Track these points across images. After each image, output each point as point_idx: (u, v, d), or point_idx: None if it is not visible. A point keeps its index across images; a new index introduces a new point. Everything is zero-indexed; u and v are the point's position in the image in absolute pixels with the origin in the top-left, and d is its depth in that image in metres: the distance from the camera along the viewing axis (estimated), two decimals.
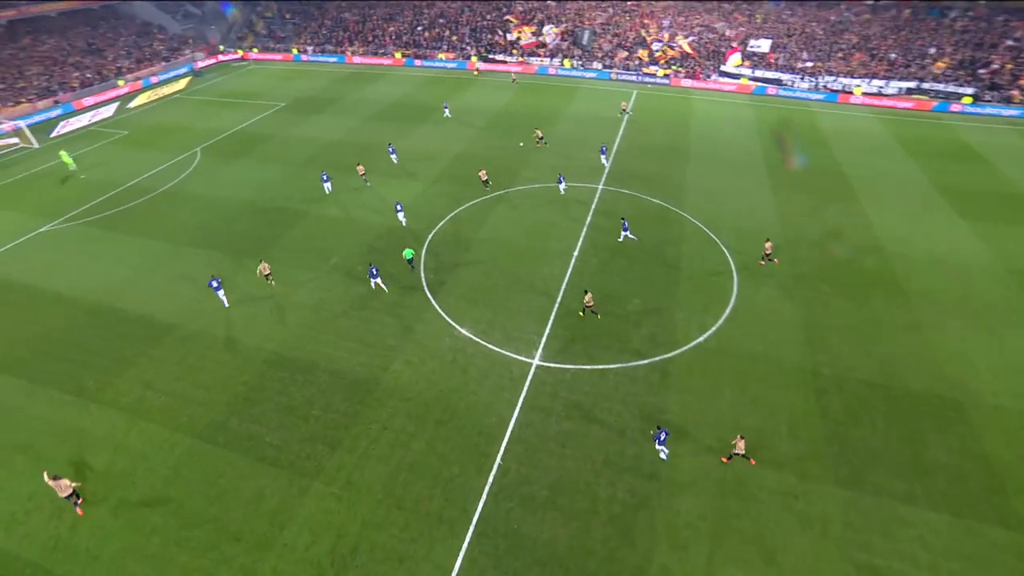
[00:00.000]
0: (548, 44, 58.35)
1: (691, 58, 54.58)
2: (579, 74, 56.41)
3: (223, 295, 26.11)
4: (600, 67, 56.32)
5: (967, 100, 46.49)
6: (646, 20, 59.84)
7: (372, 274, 26.16)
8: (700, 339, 23.22)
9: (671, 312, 24.62)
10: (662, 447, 18.44)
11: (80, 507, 18.20)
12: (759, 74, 51.81)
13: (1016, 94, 45.65)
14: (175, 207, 34.73)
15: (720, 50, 54.52)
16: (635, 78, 54.42)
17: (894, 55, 50.70)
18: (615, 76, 55.07)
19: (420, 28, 66.55)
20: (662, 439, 18.25)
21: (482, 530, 16.83)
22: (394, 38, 66.69)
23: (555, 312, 24.83)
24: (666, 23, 58.86)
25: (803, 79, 50.62)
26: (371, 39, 67.50)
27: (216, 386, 21.83)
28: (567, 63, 57.01)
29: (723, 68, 52.86)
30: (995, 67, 47.33)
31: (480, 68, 58.91)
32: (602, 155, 38.13)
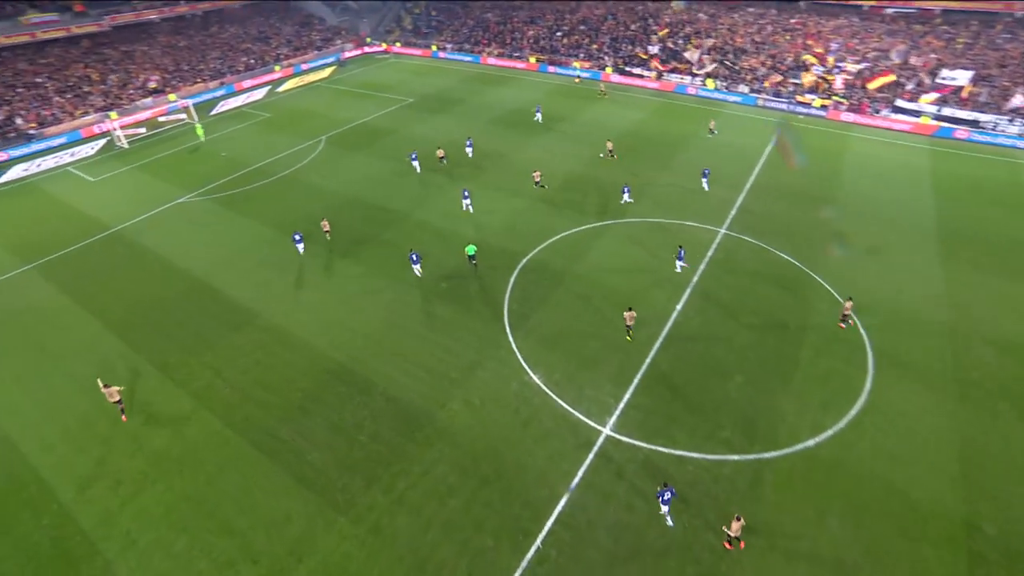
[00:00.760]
0: (692, 61, 53.73)
1: (857, 88, 47.15)
2: (721, 96, 51.25)
3: (302, 247, 29.23)
4: (747, 91, 50.74)
5: None
6: (810, 41, 52.88)
7: (413, 260, 27.03)
8: (810, 443, 18.84)
9: (779, 401, 20.36)
10: (666, 506, 16.31)
11: (124, 413, 20.82)
12: (948, 112, 43.21)
13: None
14: (288, 193, 36.16)
15: (900, 81, 46.38)
16: (785, 107, 48.22)
17: None
18: (762, 102, 49.24)
19: (559, 34, 64.89)
20: (666, 498, 16.16)
21: None
22: (532, 42, 65.70)
23: (641, 374, 21.65)
24: (835, 46, 51.53)
25: (1012, 122, 41.24)
26: (509, 41, 67.13)
27: (277, 388, 21.62)
28: (710, 83, 52.08)
29: (897, 103, 44.94)
30: None
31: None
32: (703, 179, 34.65)
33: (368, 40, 76.29)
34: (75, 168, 42.83)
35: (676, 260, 26.93)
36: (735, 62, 52.72)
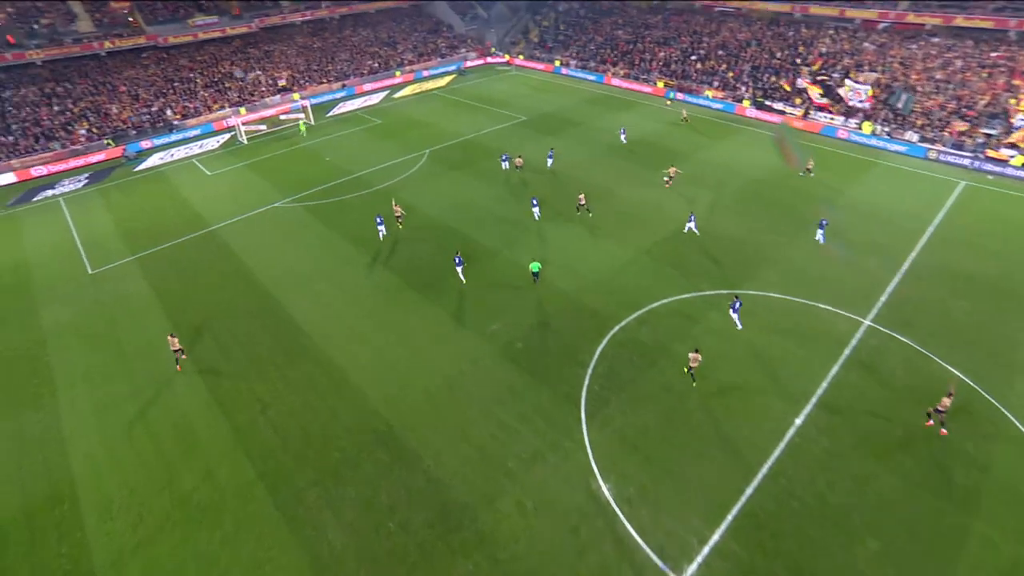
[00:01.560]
0: (849, 100, 46.07)
1: None
2: (881, 144, 43.24)
3: (383, 229, 30.96)
4: (916, 139, 42.36)
5: None
6: (1017, 81, 42.94)
7: (457, 262, 27.06)
8: None
9: None
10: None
11: (179, 364, 22.91)
12: None
13: None
14: (379, 209, 34.86)
15: None
16: (968, 162, 39.40)
17: None
18: (935, 155, 40.71)
19: (694, 57, 59.39)
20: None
21: None
22: (661, 65, 60.81)
23: (737, 509, 16.94)
24: None
25: None
26: (637, 62, 62.73)
27: (317, 442, 19.60)
28: (867, 127, 44.24)
29: None
30: None
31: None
32: (820, 230, 29.87)
33: (492, 50, 75.51)
34: (199, 160, 45.23)
35: (731, 311, 23.83)
36: (909, 103, 44.18)
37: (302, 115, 52.43)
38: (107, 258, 31.52)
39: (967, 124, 41.53)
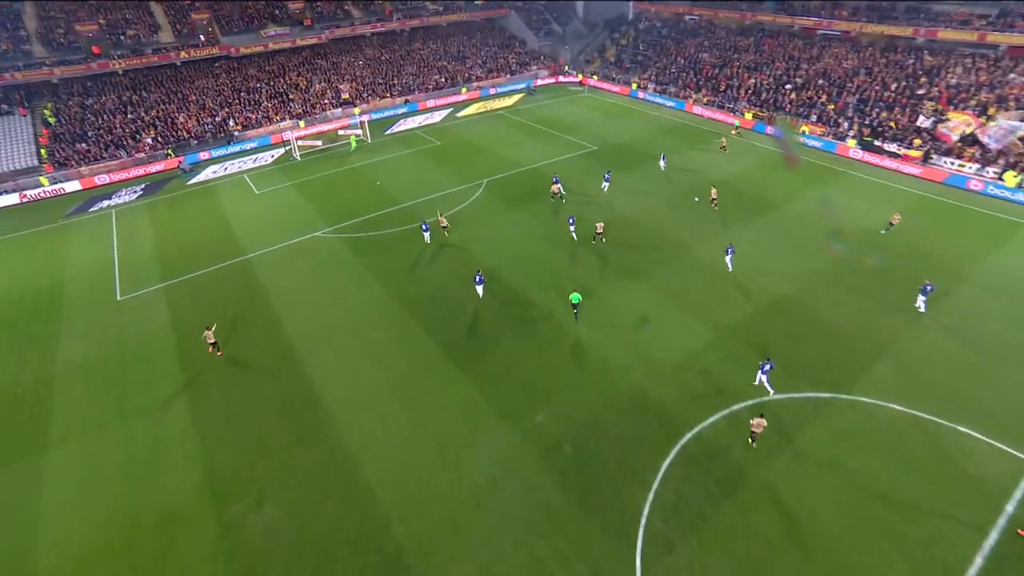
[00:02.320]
0: (989, 144, 38.60)
1: None
2: None
3: (428, 236, 31.39)
4: None
5: None
6: None
7: (477, 281, 26.22)
8: None
9: None
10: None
11: (212, 348, 23.96)
12: None
13: None
14: (424, 250, 31.54)
15: None
16: None
17: None
18: None
19: (789, 86, 52.97)
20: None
21: None
22: (750, 93, 54.77)
23: None
24: None
25: None
26: (723, 88, 56.95)
27: (310, 556, 16.06)
28: (1010, 179, 36.73)
29: None
30: None
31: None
32: (922, 296, 24.62)
33: (565, 68, 71.67)
34: (250, 176, 43.86)
35: (758, 373, 20.92)
36: None
37: (359, 131, 50.41)
38: (138, 283, 29.87)
39: None
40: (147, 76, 54.99)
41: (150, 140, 48.92)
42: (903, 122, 43.69)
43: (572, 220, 31.85)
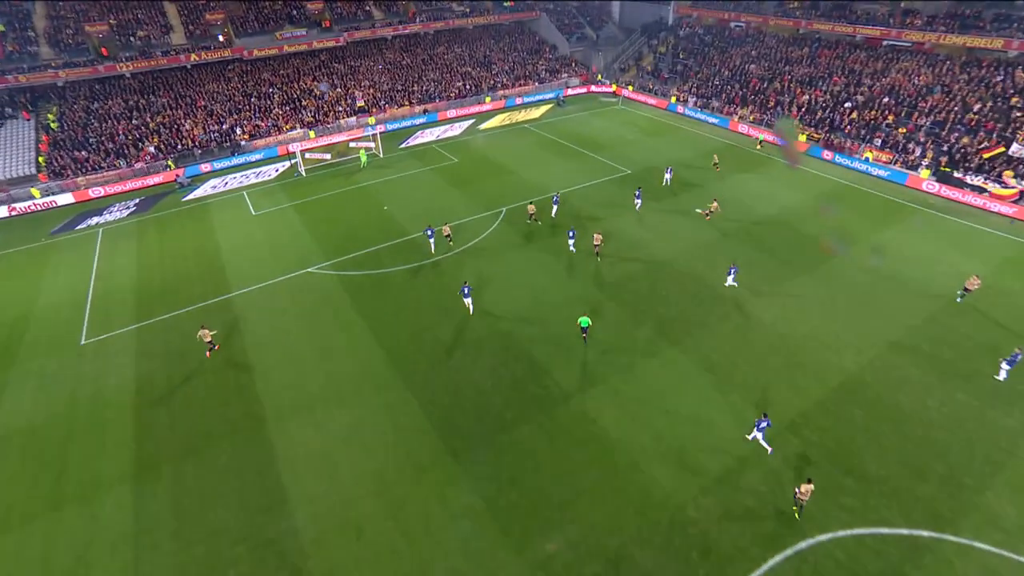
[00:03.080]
0: None
1: None
2: None
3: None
4: None
5: None
6: None
7: (464, 292, 25.02)
8: None
9: None
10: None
11: (210, 352, 23.48)
12: None
13: None
14: (429, 296, 27.43)
15: None
16: None
17: None
18: None
19: (848, 104, 47.29)
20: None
21: None
22: (802, 111, 49.23)
23: None
24: None
25: None
26: (772, 104, 51.49)
27: None
28: None
29: None
30: None
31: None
32: (1007, 364, 20.45)
33: (598, 77, 66.87)
34: (249, 194, 40.45)
35: (755, 430, 19.11)
36: None
37: (371, 143, 46.62)
38: (108, 322, 26.57)
39: None
40: (156, 79, 52.31)
41: (152, 148, 46.07)
42: (990, 150, 37.86)
43: (572, 233, 30.33)
